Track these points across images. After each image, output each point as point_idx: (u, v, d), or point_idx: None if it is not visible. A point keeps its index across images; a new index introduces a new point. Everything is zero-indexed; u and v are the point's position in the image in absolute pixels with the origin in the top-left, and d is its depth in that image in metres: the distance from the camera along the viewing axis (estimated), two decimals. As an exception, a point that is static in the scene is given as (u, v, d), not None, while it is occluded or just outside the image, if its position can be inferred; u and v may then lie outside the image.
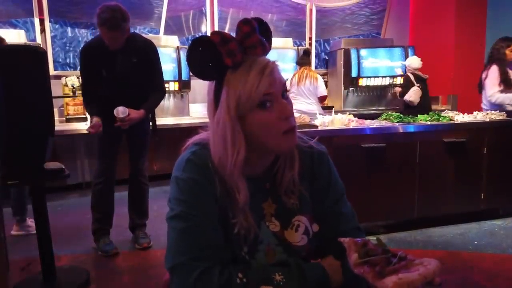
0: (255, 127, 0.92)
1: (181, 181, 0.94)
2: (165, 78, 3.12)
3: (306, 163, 1.04)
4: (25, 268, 2.77)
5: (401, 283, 0.68)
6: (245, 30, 0.91)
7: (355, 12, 6.68)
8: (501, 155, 3.56)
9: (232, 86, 0.91)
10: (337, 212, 1.05)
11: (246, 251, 0.97)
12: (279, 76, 0.93)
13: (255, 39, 0.91)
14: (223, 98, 0.92)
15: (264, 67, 0.90)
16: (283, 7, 6.28)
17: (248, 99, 0.90)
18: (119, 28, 2.67)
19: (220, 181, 0.95)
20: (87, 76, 2.94)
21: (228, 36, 0.90)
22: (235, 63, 0.90)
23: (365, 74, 5.93)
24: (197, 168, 0.95)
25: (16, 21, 4.93)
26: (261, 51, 0.93)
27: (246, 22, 0.91)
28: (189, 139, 1.04)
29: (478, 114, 3.75)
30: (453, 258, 2.92)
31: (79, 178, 4.79)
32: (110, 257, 2.95)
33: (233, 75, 0.91)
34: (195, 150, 0.98)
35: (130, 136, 3.05)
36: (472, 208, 3.57)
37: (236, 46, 0.89)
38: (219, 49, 0.89)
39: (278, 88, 0.92)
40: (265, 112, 0.91)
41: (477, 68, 6.03)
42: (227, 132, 0.91)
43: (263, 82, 0.89)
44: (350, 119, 3.40)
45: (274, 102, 0.91)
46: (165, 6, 5.64)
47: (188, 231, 0.91)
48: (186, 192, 0.93)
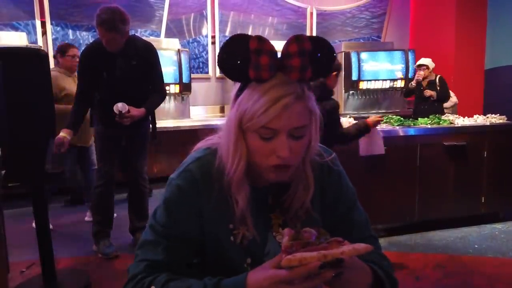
0: (250, 146, 0.87)
1: (170, 186, 0.94)
2: (166, 80, 3.13)
3: (317, 178, 0.96)
4: (25, 271, 2.77)
5: (293, 259, 0.71)
6: (290, 49, 0.82)
7: (355, 16, 6.70)
8: (502, 159, 3.57)
9: (246, 97, 0.84)
10: (350, 220, 1.00)
11: (249, 263, 0.93)
12: (295, 114, 0.82)
13: (295, 62, 0.82)
14: (237, 102, 0.87)
15: (280, 98, 0.81)
16: (283, 10, 6.29)
17: (249, 121, 0.84)
18: (116, 29, 2.65)
19: (221, 188, 0.91)
20: (85, 79, 2.91)
21: (266, 48, 0.82)
22: (259, 79, 0.83)
23: (365, 77, 5.93)
24: (192, 179, 0.92)
25: (18, 23, 4.95)
26: (297, 76, 0.83)
27: (296, 40, 0.82)
28: (206, 138, 1.00)
29: (478, 117, 3.75)
30: (454, 261, 2.92)
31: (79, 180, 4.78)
32: (110, 260, 2.95)
33: (254, 87, 0.84)
34: (201, 157, 0.95)
35: (129, 139, 3.05)
36: (473, 212, 3.58)
37: (268, 62, 0.82)
38: (250, 56, 0.82)
39: (284, 126, 0.82)
40: (261, 141, 0.84)
41: (477, 72, 6.08)
42: (231, 136, 0.88)
43: (268, 114, 0.81)
44: (351, 123, 3.41)
45: (274, 138, 0.83)
46: (166, 9, 5.66)
47: (155, 234, 0.92)
48: (169, 200, 0.93)
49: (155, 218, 0.93)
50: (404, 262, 2.89)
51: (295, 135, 0.84)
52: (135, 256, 0.92)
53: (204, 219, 0.92)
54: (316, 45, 0.85)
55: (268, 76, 0.82)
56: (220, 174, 0.91)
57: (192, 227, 0.92)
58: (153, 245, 0.90)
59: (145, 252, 0.91)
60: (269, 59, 0.82)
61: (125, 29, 2.73)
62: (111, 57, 2.80)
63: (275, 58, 0.83)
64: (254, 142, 0.85)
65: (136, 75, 2.88)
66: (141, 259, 0.90)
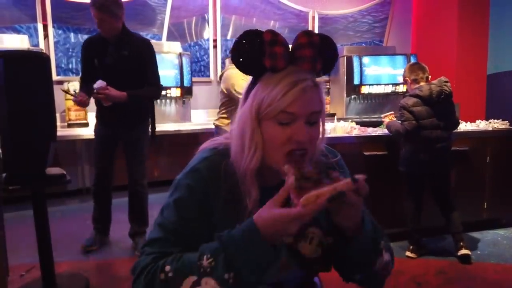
0: (266, 135, 0.89)
1: (180, 186, 0.94)
2: (167, 84, 3.15)
3: None
4: (25, 274, 2.75)
5: (309, 197, 0.75)
6: (301, 40, 0.87)
7: (357, 20, 6.70)
8: (504, 164, 3.55)
9: (262, 86, 0.88)
10: None
11: None
12: (312, 98, 0.87)
13: (307, 53, 0.87)
14: (251, 95, 0.90)
15: (297, 82, 0.85)
16: (285, 15, 6.30)
17: (267, 107, 0.87)
18: (107, 10, 2.72)
19: (230, 187, 0.92)
20: (82, 66, 3.08)
21: (280, 39, 0.87)
22: (274, 67, 0.87)
23: (367, 81, 5.93)
24: (201, 178, 0.93)
25: (20, 26, 4.95)
26: (309, 67, 0.88)
27: (306, 34, 0.88)
28: (211, 140, 1.01)
29: (480, 122, 3.74)
30: (455, 268, 2.90)
31: (79, 183, 4.78)
32: (110, 264, 2.93)
33: (269, 77, 0.88)
34: (208, 156, 0.96)
35: (125, 143, 3.06)
36: (475, 217, 3.55)
37: (283, 51, 0.86)
38: (265, 48, 0.86)
39: (303, 110, 0.86)
40: (279, 127, 0.87)
41: (480, 77, 6.07)
42: (246, 129, 0.89)
43: (287, 97, 0.85)
44: (353, 127, 3.40)
45: (292, 123, 0.87)
46: (168, 12, 5.66)
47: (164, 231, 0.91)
48: (180, 199, 0.92)
49: (163, 217, 0.93)
50: (406, 268, 2.87)
51: (311, 121, 0.88)
52: (141, 253, 0.91)
53: (214, 217, 0.92)
54: (324, 42, 0.90)
55: (283, 65, 0.87)
56: (229, 173, 0.92)
57: (202, 225, 0.92)
58: (161, 241, 0.90)
59: (153, 246, 0.90)
60: (283, 49, 0.87)
61: (118, 13, 2.79)
62: (104, 45, 2.88)
63: (288, 49, 0.88)
64: (271, 129, 0.88)
65: (127, 66, 2.91)
66: (149, 253, 0.89)
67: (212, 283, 0.80)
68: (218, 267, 0.80)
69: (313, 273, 1.07)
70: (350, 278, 1.01)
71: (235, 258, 0.80)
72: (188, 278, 0.81)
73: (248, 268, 0.80)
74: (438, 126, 2.90)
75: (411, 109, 2.89)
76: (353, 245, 0.90)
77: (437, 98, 2.85)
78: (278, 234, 0.80)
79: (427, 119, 2.88)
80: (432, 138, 2.89)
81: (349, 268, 0.98)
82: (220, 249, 0.82)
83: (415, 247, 3.08)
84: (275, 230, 0.79)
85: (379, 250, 0.95)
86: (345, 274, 1.01)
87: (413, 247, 3.08)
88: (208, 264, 0.81)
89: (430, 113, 2.89)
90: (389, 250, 1.00)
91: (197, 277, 0.81)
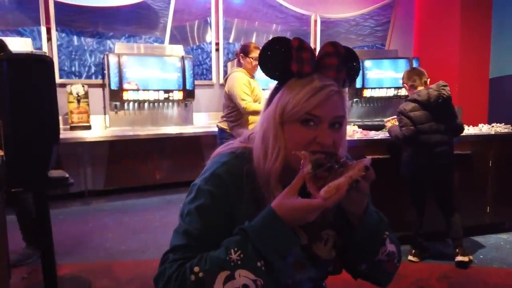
0: (290, 137, 0.90)
1: (201, 192, 0.93)
2: (169, 87, 3.11)
3: None
4: (27, 277, 2.75)
5: (330, 190, 0.79)
6: (327, 49, 0.90)
7: (359, 23, 6.71)
8: (507, 168, 3.54)
9: (287, 90, 0.90)
10: None
11: None
12: (336, 104, 0.90)
13: (332, 61, 0.90)
14: (275, 99, 0.92)
15: (323, 87, 0.88)
16: (287, 18, 6.31)
17: (292, 109, 0.88)
18: None
19: (253, 190, 0.92)
20: None
21: (307, 46, 0.90)
22: (301, 72, 0.89)
23: (369, 85, 5.93)
24: (222, 183, 0.92)
25: (23, 29, 4.98)
26: (334, 74, 0.90)
27: (332, 44, 0.91)
28: (225, 144, 1.02)
29: (483, 126, 3.73)
30: (458, 272, 2.88)
31: (81, 186, 4.78)
32: (111, 267, 2.93)
33: (295, 82, 0.90)
34: (227, 161, 0.96)
35: None
36: (478, 222, 3.54)
37: (310, 57, 0.89)
38: (292, 53, 0.89)
39: (327, 114, 0.88)
40: (304, 129, 0.89)
41: (482, 80, 6.07)
42: (269, 132, 0.91)
43: (313, 100, 0.87)
44: (355, 130, 3.40)
45: (316, 126, 0.89)
46: (170, 16, 5.69)
47: (188, 238, 0.90)
48: (202, 206, 0.92)
49: (186, 224, 0.92)
50: (408, 272, 2.86)
51: (334, 126, 0.90)
52: (165, 260, 0.90)
53: (237, 221, 0.92)
54: (349, 53, 0.94)
55: (310, 70, 0.89)
56: (251, 176, 0.93)
57: (226, 230, 0.91)
58: (185, 247, 0.90)
59: (177, 253, 0.89)
60: (310, 55, 0.90)
61: None
62: None
63: (314, 55, 0.91)
64: (295, 130, 0.89)
65: None
66: (172, 260, 0.88)
67: (246, 274, 0.82)
68: (249, 257, 0.82)
69: (326, 275, 1.08)
70: (356, 271, 1.02)
71: (263, 246, 0.82)
72: (220, 274, 0.82)
73: (276, 255, 0.83)
74: (437, 131, 2.89)
75: (409, 114, 2.89)
76: (358, 231, 0.94)
77: (435, 102, 2.85)
78: (297, 222, 0.84)
79: (425, 124, 2.88)
80: (431, 143, 2.89)
81: (354, 257, 0.99)
82: (246, 240, 0.83)
83: (418, 251, 3.07)
84: (294, 219, 0.82)
85: (383, 238, 0.98)
86: (351, 265, 1.02)
87: (415, 251, 3.07)
88: (237, 257, 0.82)
89: (428, 118, 2.88)
90: (394, 242, 1.03)
91: (229, 271, 0.82)
